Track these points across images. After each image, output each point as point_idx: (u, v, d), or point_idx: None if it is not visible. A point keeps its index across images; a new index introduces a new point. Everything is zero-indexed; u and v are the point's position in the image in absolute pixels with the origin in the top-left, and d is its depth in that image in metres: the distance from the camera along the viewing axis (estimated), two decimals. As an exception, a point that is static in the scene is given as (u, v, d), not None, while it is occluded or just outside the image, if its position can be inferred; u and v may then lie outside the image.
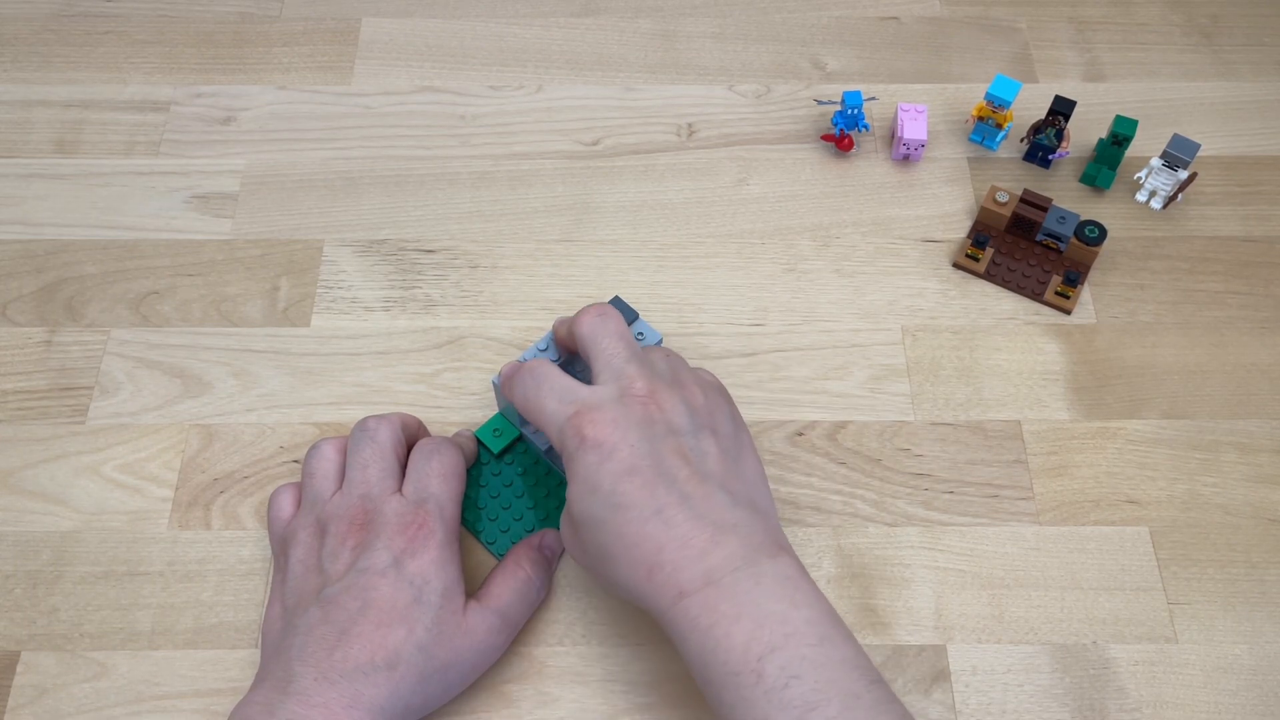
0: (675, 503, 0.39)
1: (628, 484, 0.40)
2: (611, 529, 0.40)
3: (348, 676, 0.40)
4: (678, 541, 0.39)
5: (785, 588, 0.38)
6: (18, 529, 0.50)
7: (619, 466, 0.40)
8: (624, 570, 0.40)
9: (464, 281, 0.57)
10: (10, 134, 0.62)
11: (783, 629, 0.37)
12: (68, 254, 0.58)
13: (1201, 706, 0.46)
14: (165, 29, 0.67)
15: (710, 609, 0.38)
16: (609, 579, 0.41)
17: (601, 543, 0.40)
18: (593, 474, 0.40)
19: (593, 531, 0.40)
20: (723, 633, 0.37)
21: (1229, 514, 0.51)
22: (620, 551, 0.39)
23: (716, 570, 0.38)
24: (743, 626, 0.37)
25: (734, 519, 0.40)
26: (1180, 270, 0.58)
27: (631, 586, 0.40)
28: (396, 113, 0.64)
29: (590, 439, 0.40)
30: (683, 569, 0.38)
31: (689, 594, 0.38)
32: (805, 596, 0.38)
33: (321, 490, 0.46)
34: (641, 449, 0.40)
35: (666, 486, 0.40)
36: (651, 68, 0.66)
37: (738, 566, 0.38)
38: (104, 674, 0.46)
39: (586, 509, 0.40)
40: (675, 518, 0.39)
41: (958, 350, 0.55)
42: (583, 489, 0.40)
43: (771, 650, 0.37)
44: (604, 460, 0.40)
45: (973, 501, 0.51)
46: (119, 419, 0.53)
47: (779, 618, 0.37)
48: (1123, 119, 0.59)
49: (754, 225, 0.59)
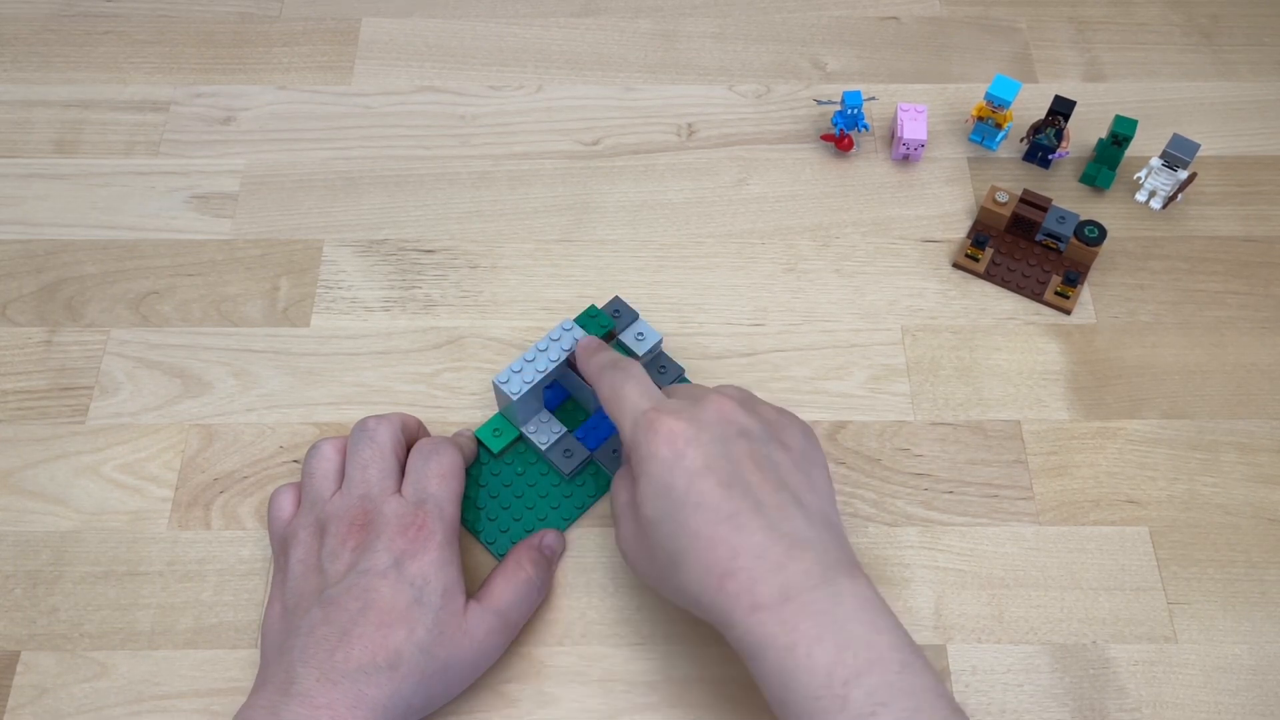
0: (749, 509, 0.39)
1: (703, 483, 0.39)
2: (685, 530, 0.39)
3: (350, 677, 0.40)
4: (752, 551, 0.38)
5: (866, 610, 0.37)
6: (18, 529, 0.50)
7: (694, 464, 0.39)
8: (695, 575, 0.39)
9: (464, 281, 0.57)
10: (10, 134, 0.62)
11: (867, 653, 0.36)
12: (68, 254, 0.58)
13: (1201, 706, 0.46)
14: (165, 29, 0.67)
15: (789, 627, 0.37)
16: (677, 587, 0.40)
17: (673, 546, 0.39)
18: (666, 472, 0.39)
19: (664, 534, 0.39)
20: (804, 653, 0.36)
21: (1229, 514, 0.51)
22: (693, 556, 0.39)
23: (794, 586, 0.37)
24: (825, 648, 0.36)
25: (809, 534, 0.39)
26: (1180, 270, 0.58)
27: (701, 594, 0.39)
28: (396, 113, 0.64)
29: (665, 433, 0.40)
30: (759, 580, 0.37)
31: (764, 608, 0.37)
32: (885, 620, 0.38)
33: (321, 490, 0.46)
34: (716, 450, 0.40)
35: (741, 491, 0.39)
36: (651, 68, 0.66)
37: (816, 584, 0.37)
38: (104, 674, 0.46)
39: (659, 508, 0.40)
40: (749, 525, 0.38)
41: (958, 350, 0.55)
42: (655, 487, 0.40)
43: (857, 675, 0.36)
44: (678, 457, 0.40)
45: (973, 501, 0.51)
46: (119, 419, 0.53)
47: (863, 641, 0.36)
48: (1123, 119, 0.59)
49: (754, 225, 0.59)
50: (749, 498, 0.39)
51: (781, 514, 0.39)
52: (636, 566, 0.42)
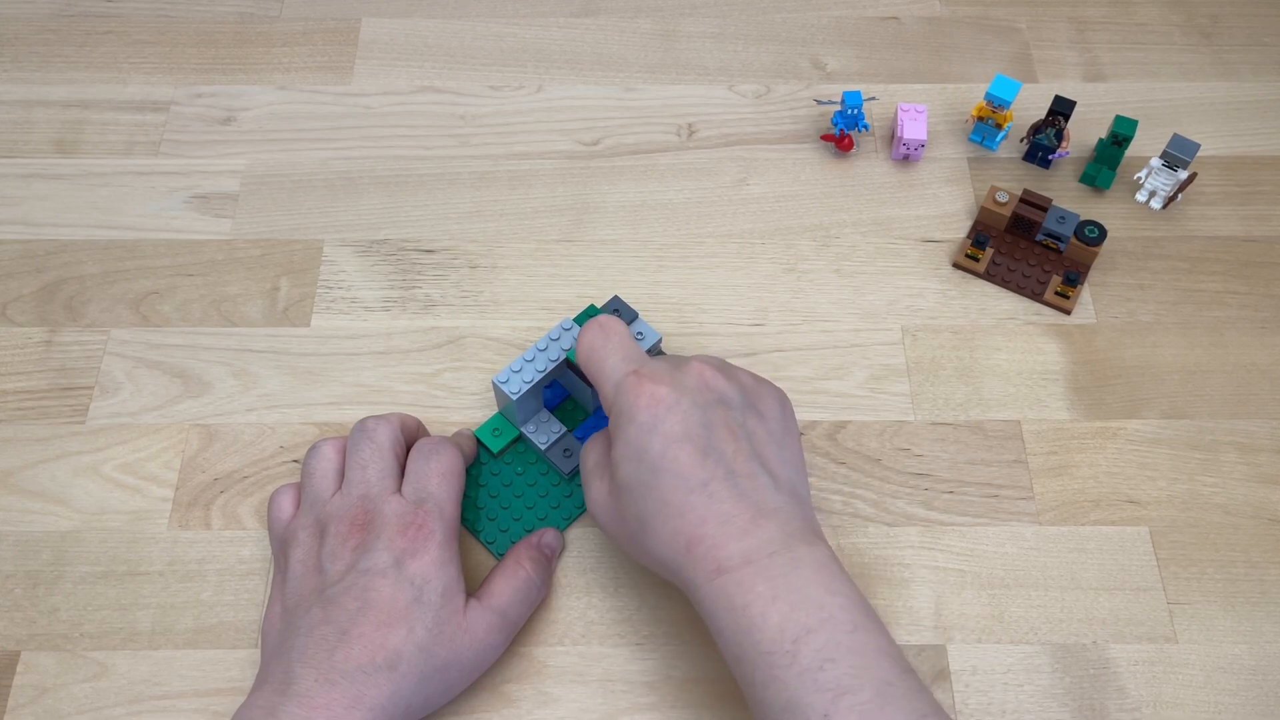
0: (721, 477, 0.40)
1: (678, 450, 0.40)
2: (656, 495, 0.40)
3: (349, 677, 0.40)
4: (719, 517, 0.39)
5: (822, 574, 0.38)
6: (18, 529, 0.50)
7: (672, 431, 0.40)
8: (664, 540, 0.40)
9: (464, 281, 0.57)
10: (10, 134, 0.62)
11: (819, 613, 0.37)
12: (68, 254, 0.58)
13: (1201, 706, 0.46)
14: (165, 29, 0.67)
15: (747, 588, 0.38)
16: (644, 549, 0.41)
17: (643, 510, 0.40)
18: (644, 437, 0.40)
19: (636, 497, 0.40)
20: (758, 612, 0.37)
21: (1229, 514, 0.51)
22: (662, 520, 0.40)
23: (755, 551, 0.38)
24: (779, 607, 0.37)
25: (775, 503, 0.40)
26: (1180, 270, 0.58)
27: (668, 557, 0.40)
28: (396, 113, 0.64)
29: (646, 397, 0.41)
30: (722, 546, 0.39)
31: (726, 571, 0.38)
32: (840, 584, 0.39)
33: (321, 490, 0.46)
34: (695, 417, 0.41)
35: (715, 460, 0.40)
36: (651, 68, 0.66)
37: (775, 550, 0.38)
38: (104, 674, 0.46)
39: (633, 473, 0.41)
40: (719, 493, 0.39)
41: (958, 350, 0.55)
42: (631, 451, 0.41)
43: (807, 632, 0.37)
44: (657, 422, 0.40)
45: (973, 501, 0.51)
46: (119, 419, 0.53)
47: (815, 602, 0.37)
48: (1123, 119, 0.59)
49: (754, 225, 0.59)
50: (721, 465, 0.40)
51: (751, 483, 0.40)
52: (607, 527, 0.43)
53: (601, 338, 0.44)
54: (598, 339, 0.44)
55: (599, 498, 0.43)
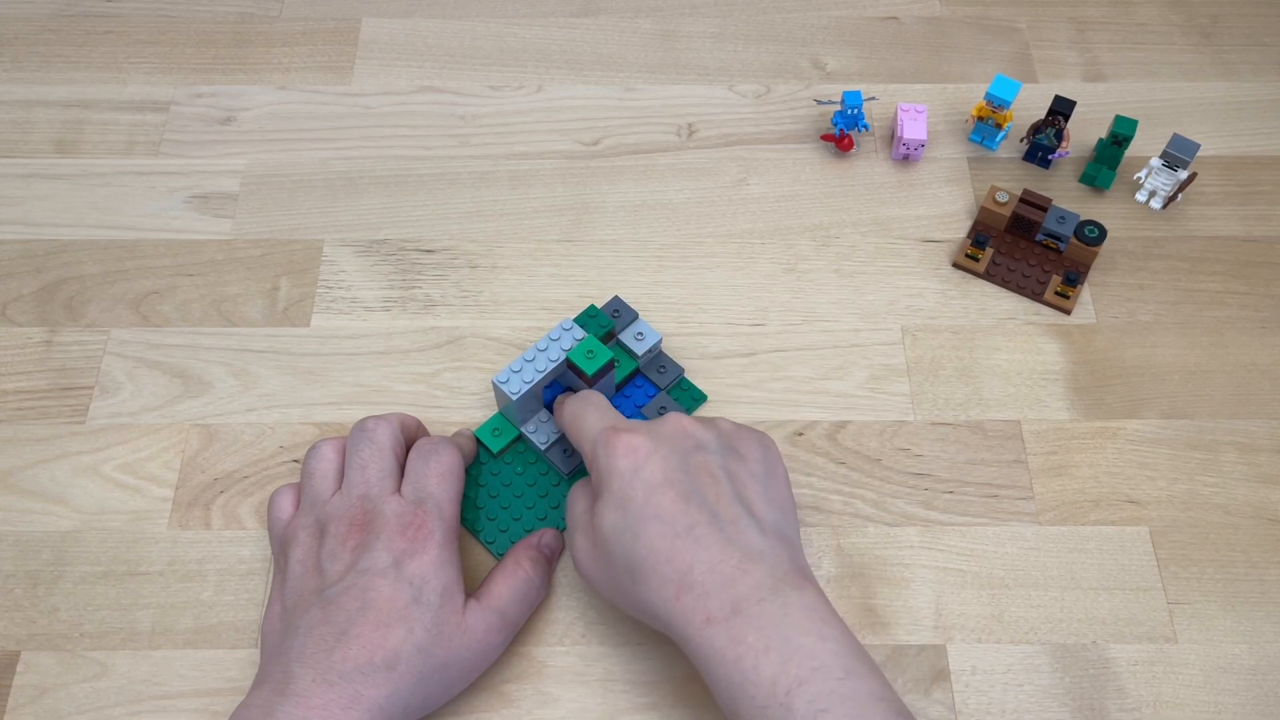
0: (705, 521, 0.40)
1: (661, 496, 0.40)
2: (643, 543, 0.40)
3: (347, 677, 0.40)
4: (707, 564, 0.39)
5: (811, 620, 0.38)
6: (18, 529, 0.50)
7: (652, 477, 0.40)
8: (652, 588, 0.39)
9: (464, 281, 0.57)
10: (10, 134, 0.62)
11: (810, 662, 0.37)
12: (68, 254, 0.58)
13: (1201, 706, 0.46)
14: (165, 29, 0.67)
15: (737, 640, 0.37)
16: (634, 598, 0.41)
17: (630, 558, 0.40)
18: (625, 485, 0.41)
19: (623, 546, 0.40)
20: (750, 665, 0.37)
21: (1229, 514, 0.51)
22: (650, 568, 0.39)
23: (744, 599, 0.38)
24: (770, 659, 0.37)
25: (762, 546, 0.40)
26: (1180, 270, 0.58)
27: (658, 606, 0.39)
28: (396, 113, 0.64)
29: (623, 446, 0.41)
30: (711, 594, 0.38)
31: (716, 621, 0.38)
32: (831, 629, 0.38)
33: (321, 491, 0.46)
34: (674, 462, 0.41)
35: (698, 503, 0.40)
36: (651, 68, 0.66)
37: (764, 597, 0.38)
38: (104, 674, 0.46)
39: (617, 521, 0.41)
40: (705, 537, 0.39)
41: (957, 350, 0.55)
42: (613, 501, 0.41)
43: (799, 684, 0.36)
44: (637, 470, 0.41)
45: (973, 501, 0.51)
46: (119, 419, 0.53)
47: (806, 651, 0.37)
48: (1123, 119, 0.59)
49: (754, 225, 0.59)
50: (705, 509, 0.40)
51: (735, 527, 0.40)
52: (593, 580, 0.43)
53: (581, 404, 0.46)
54: (577, 406, 0.46)
55: (584, 550, 0.43)
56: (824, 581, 0.49)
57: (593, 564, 0.42)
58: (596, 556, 0.42)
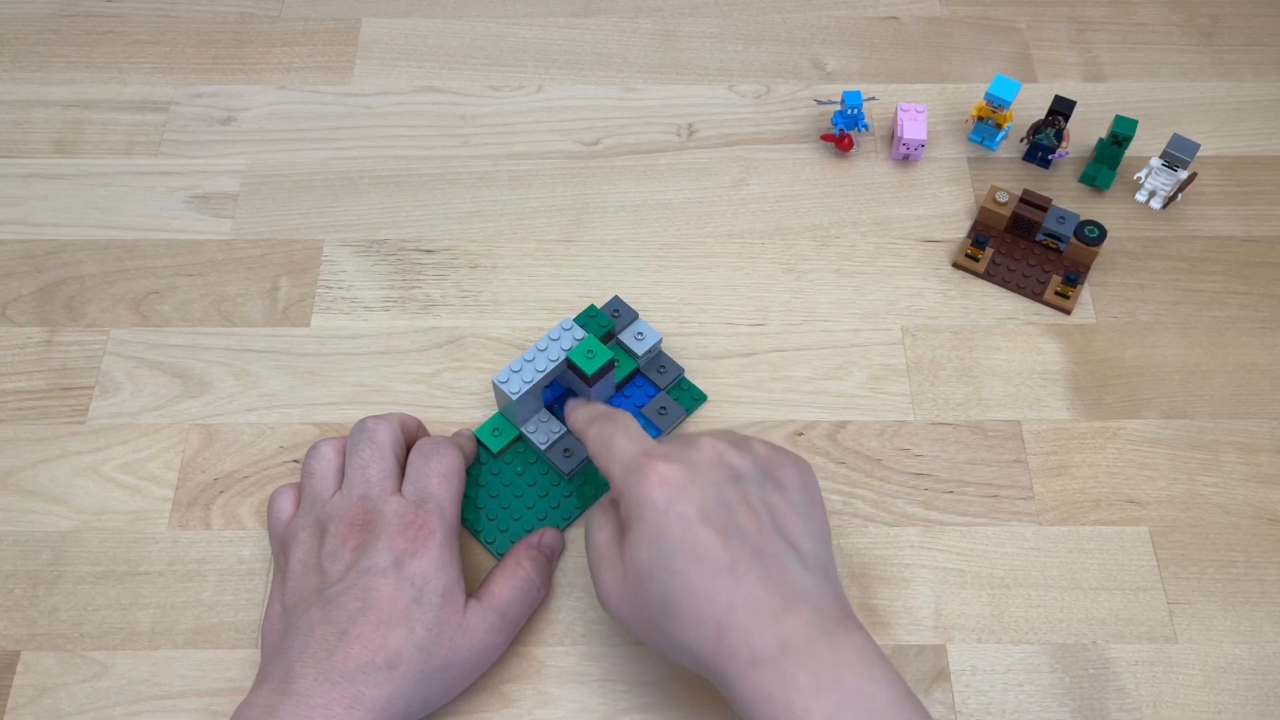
0: (748, 559, 0.38)
1: (702, 532, 0.38)
2: (680, 581, 0.37)
3: (348, 677, 0.40)
4: (748, 602, 0.37)
5: (865, 664, 0.36)
6: (18, 529, 0.50)
7: (689, 511, 0.38)
8: (689, 628, 0.37)
9: (464, 281, 0.57)
10: (10, 134, 0.62)
11: (865, 707, 0.35)
12: (68, 254, 0.58)
13: (1201, 706, 0.46)
14: (165, 29, 0.67)
15: (787, 681, 0.35)
16: (668, 638, 0.38)
17: (666, 597, 0.38)
18: (660, 518, 0.38)
19: (658, 583, 0.38)
20: (802, 709, 0.35)
21: (1229, 514, 0.51)
22: (689, 606, 0.37)
23: (793, 639, 0.36)
24: (823, 704, 0.35)
25: (806, 583, 0.38)
26: (1180, 270, 0.58)
27: (696, 647, 0.37)
28: (396, 113, 0.64)
29: (657, 478, 0.39)
30: (755, 634, 0.36)
31: (763, 662, 0.36)
32: (885, 673, 0.37)
33: (321, 491, 0.46)
34: (711, 495, 0.39)
35: (739, 540, 0.38)
36: (651, 68, 0.66)
37: (814, 637, 0.36)
38: (104, 674, 0.46)
39: (652, 557, 0.38)
40: (747, 576, 0.37)
41: (957, 350, 0.55)
42: (649, 534, 0.38)
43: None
44: (672, 503, 0.38)
45: (973, 501, 0.51)
46: (119, 419, 0.53)
47: (862, 696, 0.35)
48: (1123, 119, 0.59)
49: (754, 225, 0.59)
50: (746, 546, 0.38)
51: (778, 563, 0.38)
52: (622, 615, 0.40)
53: (610, 426, 0.43)
54: (605, 427, 0.43)
55: (612, 582, 0.40)
56: (824, 581, 0.49)
57: (622, 600, 0.40)
58: (627, 593, 0.40)
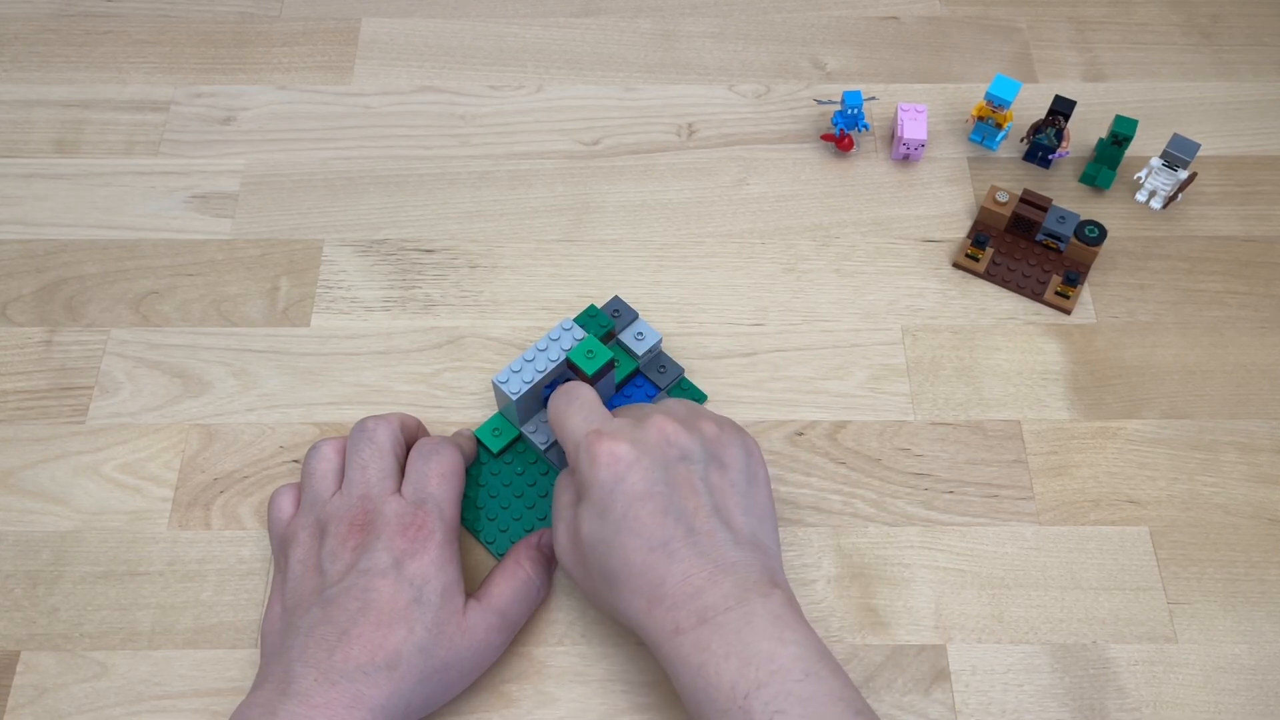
0: (681, 536, 0.40)
1: (640, 509, 0.40)
2: (618, 555, 0.40)
3: (348, 677, 0.40)
4: (678, 577, 0.40)
5: (775, 625, 0.39)
6: (18, 529, 0.50)
7: (633, 489, 0.41)
8: (625, 597, 0.40)
9: (464, 281, 0.57)
10: (10, 134, 0.62)
11: (769, 665, 0.38)
12: (68, 254, 0.58)
13: (1201, 706, 0.46)
14: (165, 29, 0.67)
15: (702, 647, 0.38)
16: (608, 603, 0.42)
17: (606, 567, 0.41)
18: (606, 496, 0.41)
19: (600, 555, 0.41)
20: (713, 670, 0.38)
21: (1229, 514, 0.51)
22: (625, 579, 0.40)
23: (710, 609, 0.39)
24: (731, 664, 0.38)
25: (735, 558, 0.40)
26: (1180, 270, 0.58)
27: (631, 615, 0.40)
28: (396, 113, 0.64)
29: (605, 455, 0.41)
30: (680, 605, 0.39)
31: (684, 630, 0.39)
32: (793, 633, 0.39)
33: (321, 491, 0.46)
34: (655, 474, 0.41)
35: (675, 518, 0.40)
36: (651, 68, 0.66)
37: (730, 606, 0.39)
38: (104, 674, 0.46)
39: (595, 531, 0.41)
40: (680, 552, 0.40)
41: (958, 350, 0.55)
42: (593, 510, 0.41)
43: (757, 687, 0.37)
44: (618, 481, 0.41)
45: (973, 501, 0.51)
46: (119, 419, 0.53)
47: (766, 655, 0.38)
48: (1123, 119, 0.59)
49: (754, 225, 0.59)
50: (682, 523, 0.40)
51: (710, 540, 0.40)
52: (572, 574, 0.44)
53: (565, 401, 0.45)
54: (561, 403, 0.45)
55: (565, 545, 0.43)
56: (824, 582, 0.49)
57: (572, 562, 0.43)
58: (576, 557, 0.43)
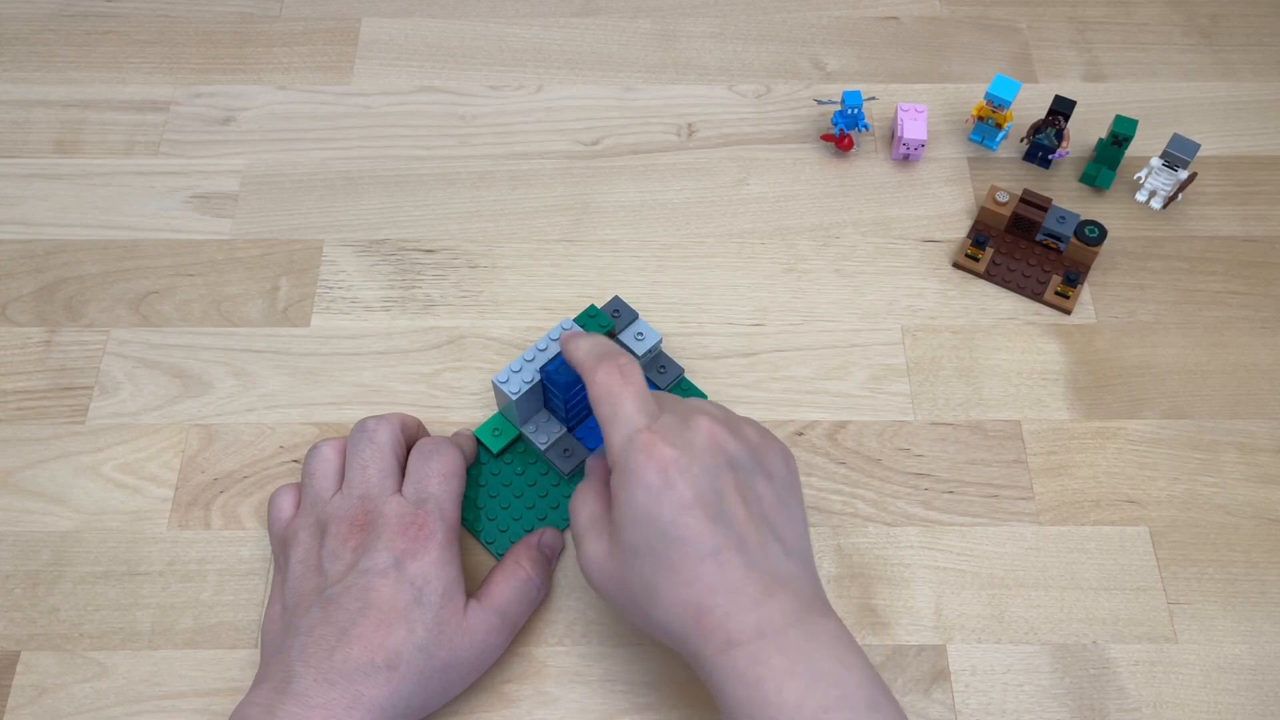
0: (732, 546, 0.38)
1: (689, 517, 0.38)
2: (665, 563, 0.38)
3: (348, 677, 0.40)
4: (730, 588, 0.38)
5: (838, 648, 0.37)
6: (18, 529, 0.50)
7: (682, 496, 0.38)
8: (669, 609, 0.38)
9: (464, 281, 0.57)
10: (10, 134, 0.62)
11: (836, 690, 0.36)
12: (68, 254, 0.58)
13: (1201, 706, 0.46)
14: (165, 29, 0.67)
15: (760, 662, 0.36)
16: (648, 616, 0.39)
17: (650, 577, 0.38)
18: (653, 501, 0.38)
19: (643, 563, 0.39)
20: (774, 688, 0.36)
21: (1229, 514, 0.51)
22: (670, 589, 0.38)
23: (769, 623, 0.37)
24: (795, 683, 0.36)
25: (787, 571, 0.39)
26: (1180, 270, 0.58)
27: (675, 628, 0.38)
28: (396, 113, 0.64)
29: (656, 459, 0.39)
30: (733, 617, 0.37)
31: (738, 644, 0.37)
32: (856, 659, 0.38)
33: (321, 491, 0.46)
34: (705, 481, 0.39)
35: (726, 527, 0.38)
36: (651, 68, 0.66)
37: (790, 622, 0.37)
38: (104, 674, 0.46)
39: (640, 537, 0.39)
40: (731, 561, 0.38)
41: (958, 350, 0.55)
42: (637, 514, 0.39)
43: (825, 711, 0.36)
44: (667, 487, 0.38)
45: (973, 501, 0.51)
46: (119, 419, 0.53)
47: (832, 678, 0.36)
48: (1123, 119, 0.59)
49: (754, 225, 0.59)
50: (733, 533, 0.38)
51: (762, 550, 0.39)
52: (604, 588, 0.41)
53: (620, 383, 0.41)
54: (615, 383, 0.41)
55: (596, 557, 0.41)
56: (824, 581, 0.49)
57: (605, 575, 0.40)
58: (611, 569, 0.40)
